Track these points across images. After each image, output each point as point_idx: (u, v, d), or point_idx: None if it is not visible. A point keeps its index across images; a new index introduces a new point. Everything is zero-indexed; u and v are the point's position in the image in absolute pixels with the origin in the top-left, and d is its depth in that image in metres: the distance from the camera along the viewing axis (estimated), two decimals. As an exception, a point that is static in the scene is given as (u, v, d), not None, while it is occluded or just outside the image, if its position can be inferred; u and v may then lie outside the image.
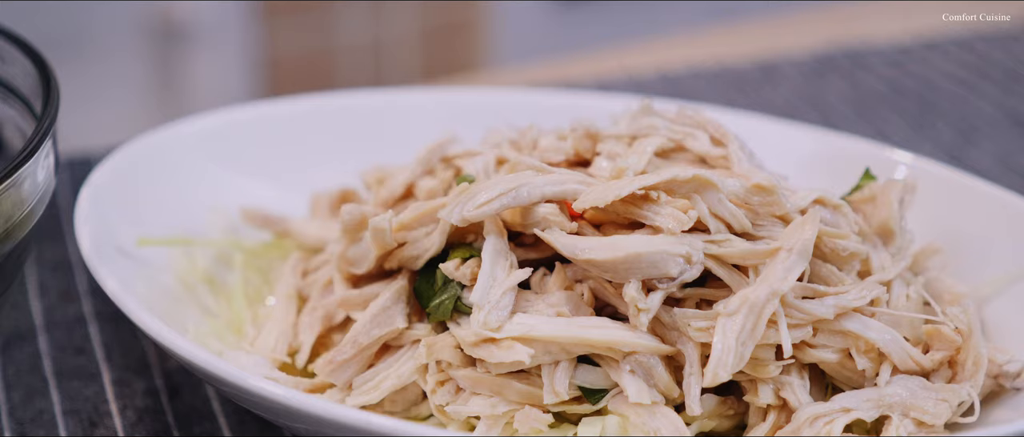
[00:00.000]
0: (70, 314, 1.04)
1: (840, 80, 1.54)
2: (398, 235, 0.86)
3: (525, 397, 0.80)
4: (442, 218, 0.82)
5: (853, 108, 1.47)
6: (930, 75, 1.56)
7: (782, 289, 0.78)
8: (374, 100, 1.16)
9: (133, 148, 1.04)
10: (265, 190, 1.08)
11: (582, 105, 1.13)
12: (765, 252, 0.80)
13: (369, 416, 0.74)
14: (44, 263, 1.11)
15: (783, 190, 0.84)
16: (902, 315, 0.83)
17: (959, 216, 1.00)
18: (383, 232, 0.85)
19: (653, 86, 1.48)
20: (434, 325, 0.84)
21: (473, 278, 0.82)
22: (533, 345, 0.78)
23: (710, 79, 1.53)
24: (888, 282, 0.86)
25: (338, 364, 0.84)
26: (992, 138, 1.39)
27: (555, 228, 0.82)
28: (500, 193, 0.81)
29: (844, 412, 0.78)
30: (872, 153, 1.07)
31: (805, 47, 1.63)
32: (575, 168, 0.89)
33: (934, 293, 0.89)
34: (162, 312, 0.89)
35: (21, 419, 0.91)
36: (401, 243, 0.87)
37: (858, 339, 0.81)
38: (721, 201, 0.81)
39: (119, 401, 0.93)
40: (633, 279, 0.79)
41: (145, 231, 0.97)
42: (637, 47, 1.76)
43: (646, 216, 0.81)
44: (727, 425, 0.82)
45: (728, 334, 0.77)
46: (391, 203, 0.93)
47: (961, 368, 0.83)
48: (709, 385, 0.77)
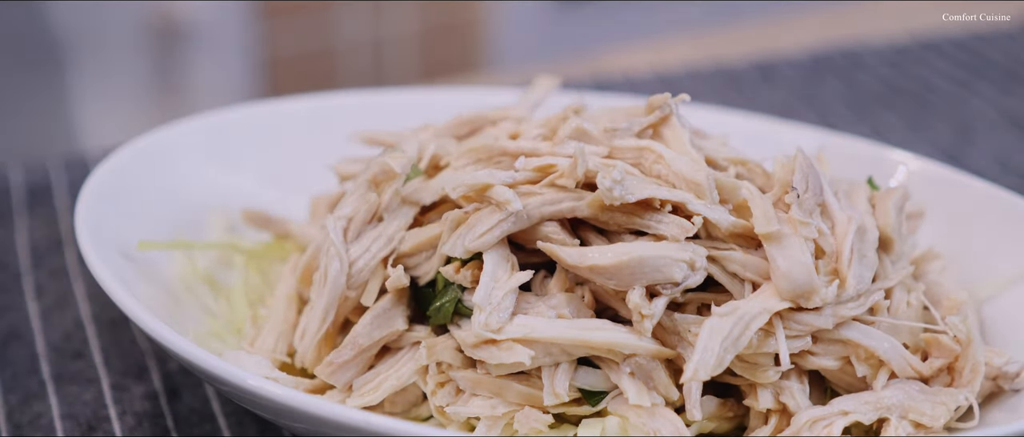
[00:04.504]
0: (68, 318, 1.04)
1: (837, 80, 1.54)
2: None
3: (525, 398, 0.80)
4: (445, 253, 0.83)
5: (850, 108, 1.47)
6: (927, 75, 1.56)
7: (775, 308, 0.79)
8: (374, 100, 1.16)
9: (133, 148, 1.04)
10: (265, 190, 1.09)
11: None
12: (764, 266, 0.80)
13: (369, 416, 0.74)
14: (42, 265, 1.11)
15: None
16: (901, 323, 0.84)
17: (957, 216, 1.00)
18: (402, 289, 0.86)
19: (651, 86, 1.48)
20: (434, 327, 0.85)
21: (474, 281, 0.82)
22: (533, 347, 0.79)
23: (707, 79, 1.53)
24: (889, 289, 0.86)
25: (338, 365, 0.84)
26: (990, 138, 1.39)
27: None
28: (499, 220, 0.82)
29: (843, 415, 0.79)
30: (870, 153, 1.07)
31: (802, 47, 1.63)
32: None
33: (934, 299, 0.89)
34: (162, 312, 0.89)
35: (19, 422, 0.91)
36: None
37: (858, 347, 0.81)
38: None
39: (118, 405, 0.93)
40: (637, 285, 0.79)
41: (145, 231, 0.97)
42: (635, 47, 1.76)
43: (648, 225, 0.81)
44: (727, 427, 0.83)
45: (713, 337, 0.78)
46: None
47: (959, 375, 0.83)
48: (686, 381, 0.77)
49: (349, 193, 0.90)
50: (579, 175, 0.82)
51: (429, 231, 0.86)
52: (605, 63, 1.61)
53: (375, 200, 0.88)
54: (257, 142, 1.11)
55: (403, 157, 0.90)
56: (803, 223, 0.81)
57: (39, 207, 1.20)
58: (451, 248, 0.82)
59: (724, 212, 0.82)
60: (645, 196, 0.81)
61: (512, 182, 0.84)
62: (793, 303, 0.79)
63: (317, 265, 0.88)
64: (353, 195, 0.89)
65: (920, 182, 1.02)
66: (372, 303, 0.86)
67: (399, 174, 0.89)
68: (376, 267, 0.86)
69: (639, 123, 0.87)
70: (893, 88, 1.52)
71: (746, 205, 0.82)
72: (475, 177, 0.83)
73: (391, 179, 0.89)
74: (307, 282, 0.90)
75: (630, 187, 0.80)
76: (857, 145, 1.09)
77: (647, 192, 0.81)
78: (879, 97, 1.50)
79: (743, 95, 1.49)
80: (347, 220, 0.88)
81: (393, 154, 0.90)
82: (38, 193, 1.22)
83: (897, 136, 1.39)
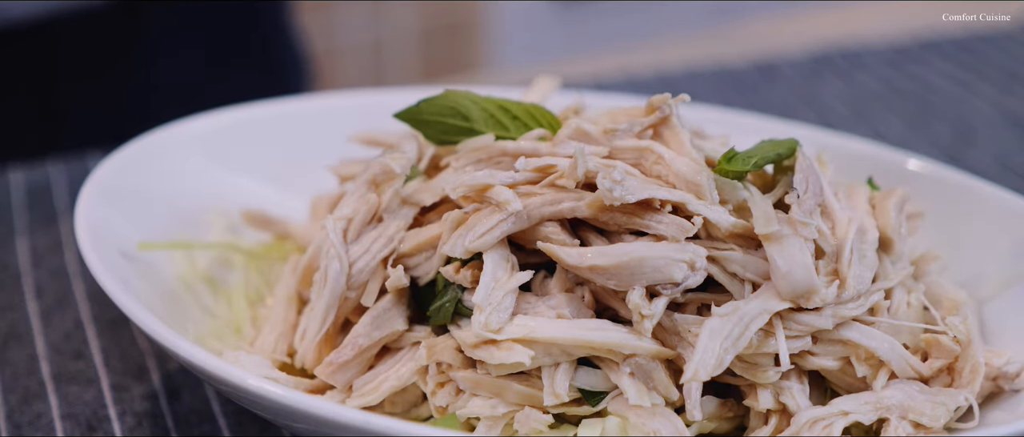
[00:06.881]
0: (68, 318, 1.04)
1: (837, 80, 1.54)
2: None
3: (525, 398, 0.80)
4: (445, 253, 0.83)
5: (850, 108, 1.47)
6: (927, 75, 1.56)
7: (775, 308, 0.79)
8: (374, 100, 1.16)
9: (133, 148, 1.04)
10: (265, 190, 1.09)
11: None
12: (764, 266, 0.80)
13: (369, 416, 0.74)
14: (42, 266, 1.11)
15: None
16: (901, 324, 0.84)
17: (957, 216, 1.00)
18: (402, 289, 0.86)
19: (651, 86, 1.48)
20: (434, 327, 0.85)
21: (474, 281, 0.82)
22: (533, 347, 0.79)
23: (708, 79, 1.53)
24: (889, 289, 0.86)
25: (338, 365, 0.84)
26: (990, 138, 1.39)
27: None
28: (500, 221, 0.82)
29: (843, 415, 0.79)
30: (870, 153, 1.07)
31: (802, 47, 1.63)
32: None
33: (934, 299, 0.89)
34: (162, 312, 0.89)
35: (19, 422, 0.91)
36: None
37: (858, 347, 0.81)
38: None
39: (118, 405, 0.93)
40: (637, 285, 0.79)
41: (145, 232, 0.97)
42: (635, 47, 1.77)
43: (648, 225, 0.81)
44: (727, 427, 0.83)
45: (713, 337, 0.78)
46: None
47: (959, 375, 0.83)
48: (686, 381, 0.77)
49: (349, 194, 0.90)
50: (579, 175, 0.82)
51: (429, 231, 0.86)
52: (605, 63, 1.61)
53: (375, 201, 0.88)
54: (257, 142, 1.11)
55: (403, 158, 0.90)
56: (803, 223, 0.81)
57: (39, 207, 1.20)
58: (451, 248, 0.82)
59: (724, 212, 0.82)
60: (645, 196, 0.81)
61: (512, 182, 0.84)
62: (793, 303, 0.80)
63: (317, 265, 0.88)
64: (353, 196, 0.89)
65: (920, 182, 1.02)
66: (372, 303, 0.86)
67: (399, 175, 0.89)
68: (376, 267, 0.86)
69: (639, 123, 0.87)
70: (893, 88, 1.52)
71: (746, 205, 0.82)
72: (475, 177, 0.83)
73: (391, 180, 0.89)
74: (307, 282, 0.90)
75: (630, 187, 0.80)
76: (857, 145, 1.09)
77: (647, 192, 0.81)
78: (879, 97, 1.50)
79: (743, 95, 1.49)
80: (347, 221, 0.88)
81: (393, 155, 0.90)
82: (38, 193, 1.22)
83: (897, 136, 1.39)
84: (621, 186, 0.80)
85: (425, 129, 0.93)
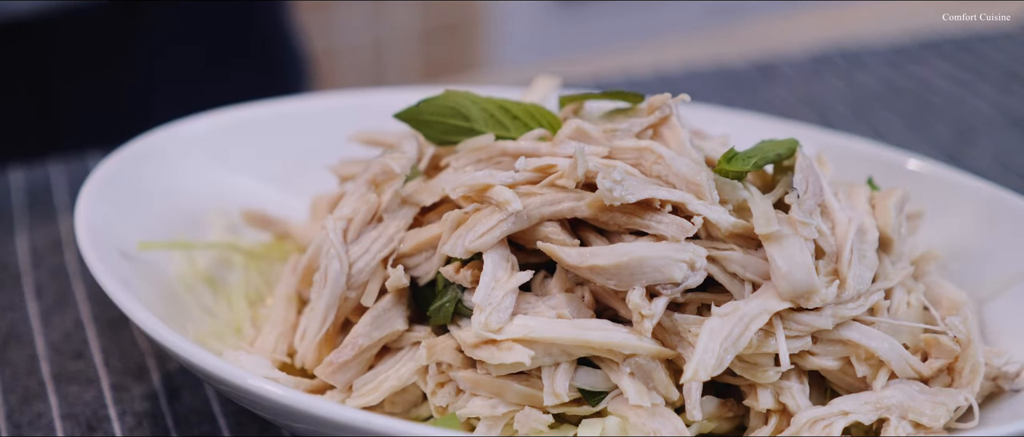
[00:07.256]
0: (68, 318, 1.04)
1: (837, 80, 1.54)
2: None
3: (525, 398, 0.80)
4: (445, 253, 0.83)
5: (850, 108, 1.47)
6: (927, 75, 1.56)
7: (774, 308, 0.79)
8: (374, 100, 1.16)
9: (133, 148, 1.04)
10: (265, 190, 1.09)
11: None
12: (763, 266, 0.80)
13: (369, 416, 0.74)
14: (42, 265, 1.11)
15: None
16: (901, 324, 0.84)
17: (957, 216, 1.00)
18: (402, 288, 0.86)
19: (651, 86, 1.48)
20: (434, 327, 0.85)
21: (474, 281, 0.82)
22: (534, 347, 0.79)
23: (708, 79, 1.53)
24: (889, 289, 0.86)
25: (338, 365, 0.84)
26: (990, 138, 1.39)
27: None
28: (500, 221, 0.82)
29: (843, 415, 0.79)
30: (870, 153, 1.07)
31: (802, 47, 1.63)
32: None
33: (934, 299, 0.89)
34: (162, 312, 0.89)
35: (19, 422, 0.91)
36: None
37: (857, 347, 0.81)
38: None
39: (118, 405, 0.93)
40: (637, 285, 0.79)
41: (145, 231, 0.97)
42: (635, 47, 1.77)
43: (648, 225, 0.81)
44: (727, 427, 0.83)
45: (713, 337, 0.78)
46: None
47: (959, 375, 0.83)
48: (686, 381, 0.77)
49: (349, 194, 0.90)
50: (579, 175, 0.82)
51: (429, 231, 0.86)
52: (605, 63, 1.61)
53: (375, 201, 0.88)
54: (257, 142, 1.11)
55: (403, 158, 0.90)
56: (803, 223, 0.81)
57: (39, 207, 1.20)
58: (451, 248, 0.82)
59: (724, 212, 0.82)
60: (645, 196, 0.81)
61: (512, 182, 0.84)
62: (793, 303, 0.80)
63: (317, 266, 0.88)
64: (353, 196, 0.89)
65: (920, 182, 1.02)
66: (372, 303, 0.86)
67: (399, 175, 0.89)
68: (376, 267, 0.86)
69: (639, 123, 0.87)
70: (893, 88, 1.52)
71: (746, 205, 0.82)
72: (475, 177, 0.83)
73: (391, 180, 0.89)
74: (307, 282, 0.90)
75: (630, 187, 0.80)
76: (857, 145, 1.09)
77: (647, 192, 0.81)
78: (879, 97, 1.50)
79: (743, 95, 1.49)
80: (347, 221, 0.88)
81: (393, 155, 0.90)
82: (38, 193, 1.22)
83: (897, 136, 1.39)
84: (621, 186, 0.80)
85: (425, 129, 0.93)
